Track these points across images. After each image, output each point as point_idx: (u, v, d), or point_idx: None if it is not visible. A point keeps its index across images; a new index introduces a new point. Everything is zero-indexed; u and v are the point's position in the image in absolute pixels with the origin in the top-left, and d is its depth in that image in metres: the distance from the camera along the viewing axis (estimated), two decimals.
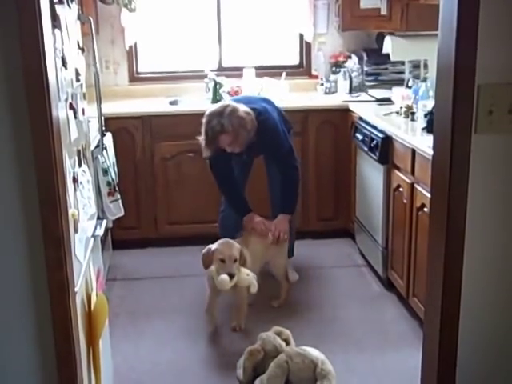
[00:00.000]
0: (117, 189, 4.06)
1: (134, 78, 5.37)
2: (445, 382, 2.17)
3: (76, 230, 2.20)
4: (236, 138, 3.73)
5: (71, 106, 2.24)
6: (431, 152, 2.20)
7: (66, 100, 2.19)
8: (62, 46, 2.16)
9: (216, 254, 3.57)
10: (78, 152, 2.38)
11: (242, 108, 3.76)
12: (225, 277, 3.47)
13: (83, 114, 2.52)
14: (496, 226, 2.03)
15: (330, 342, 3.48)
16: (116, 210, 4.06)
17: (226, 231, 4.34)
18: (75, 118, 2.30)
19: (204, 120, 3.79)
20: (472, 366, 2.14)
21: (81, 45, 2.59)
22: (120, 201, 4.10)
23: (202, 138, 3.80)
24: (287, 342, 3.24)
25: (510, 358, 2.13)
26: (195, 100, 5.12)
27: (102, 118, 3.82)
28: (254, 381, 3.12)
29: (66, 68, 2.16)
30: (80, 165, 2.39)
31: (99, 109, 3.65)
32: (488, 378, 2.16)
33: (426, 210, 3.32)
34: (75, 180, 2.23)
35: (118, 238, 4.78)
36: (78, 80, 2.42)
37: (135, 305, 4.08)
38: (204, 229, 4.78)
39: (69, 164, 2.13)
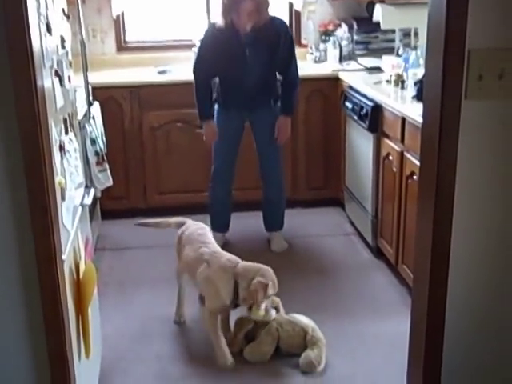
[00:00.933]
0: (105, 158, 4.03)
1: (122, 47, 5.31)
2: (432, 346, 2.18)
3: (63, 199, 2.18)
4: (257, 8, 3.78)
5: (56, 74, 2.20)
6: (421, 120, 2.18)
7: (51, 67, 2.15)
8: (47, 11, 2.12)
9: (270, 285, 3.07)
10: (65, 120, 2.35)
11: None
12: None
13: (69, 81, 2.48)
14: (485, 193, 2.03)
15: (320, 310, 3.50)
16: (104, 179, 4.04)
17: (215, 204, 4.35)
18: (61, 85, 2.27)
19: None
20: (459, 331, 2.16)
21: (66, 11, 2.54)
22: (108, 171, 4.07)
23: (220, 8, 3.84)
24: (277, 310, 3.26)
25: (497, 322, 2.15)
26: (184, 69, 5.06)
27: (89, 86, 3.78)
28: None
29: (50, 34, 2.12)
30: (67, 133, 2.36)
31: (86, 77, 3.61)
32: (475, 342, 2.18)
33: (415, 178, 3.33)
34: (62, 148, 2.21)
35: (107, 208, 4.77)
36: (63, 47, 2.38)
37: (124, 274, 4.08)
38: (193, 198, 4.79)
39: (55, 132, 2.11)
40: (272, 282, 3.06)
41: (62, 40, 2.38)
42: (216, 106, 4.15)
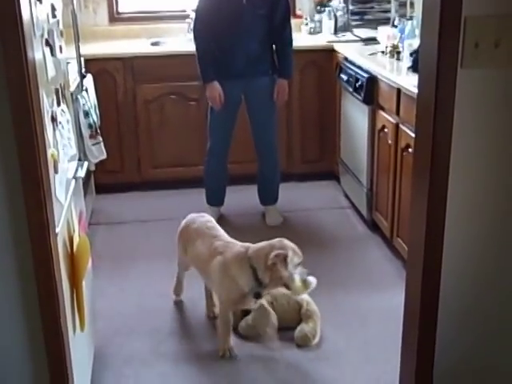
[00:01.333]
0: (99, 131, 4.01)
1: (115, 18, 5.25)
2: (426, 318, 2.18)
3: (56, 171, 2.16)
4: None
5: (47, 43, 2.17)
6: (416, 91, 2.16)
7: (42, 36, 2.11)
8: None
9: (292, 257, 2.91)
10: (57, 91, 2.31)
11: None
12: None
13: (61, 51, 2.44)
14: (480, 164, 2.02)
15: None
16: (98, 152, 4.01)
17: (211, 177, 4.33)
18: (52, 55, 2.23)
19: None
20: (454, 303, 2.15)
21: None
22: (102, 144, 4.05)
23: None
24: None
25: (491, 292, 2.15)
26: (178, 41, 5.02)
27: (81, 58, 3.74)
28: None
29: (40, 2, 2.08)
30: (59, 104, 2.33)
31: (77, 48, 3.56)
32: (469, 313, 2.18)
33: (410, 150, 3.31)
34: (54, 119, 2.18)
35: (101, 182, 4.75)
36: (54, 16, 2.34)
37: (119, 248, 4.08)
38: (188, 172, 4.78)
39: (46, 102, 2.08)
40: (291, 250, 2.85)
41: (53, 9, 2.34)
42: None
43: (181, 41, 4.99)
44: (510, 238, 2.10)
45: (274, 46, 4.10)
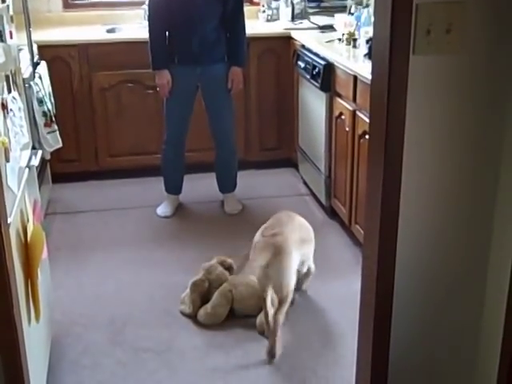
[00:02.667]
0: (54, 120, 3.94)
1: (68, 4, 5.15)
2: (382, 305, 2.20)
3: (7, 159, 2.12)
4: None
5: None
6: None
7: None
8: None
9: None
10: (7, 77, 2.27)
11: None
12: None
13: (11, 37, 2.39)
14: (434, 148, 2.04)
15: None
16: (54, 141, 3.95)
17: (168, 166, 4.31)
18: (1, 40, 2.19)
19: None
20: (408, 288, 2.18)
21: None
22: (57, 132, 3.98)
23: None
24: (230, 271, 3.27)
25: (444, 278, 2.18)
26: (133, 28, 4.96)
27: (33, 44, 3.67)
28: None
29: None
30: (10, 91, 2.29)
31: (29, 34, 3.50)
32: (423, 298, 2.21)
33: (367, 137, 3.33)
34: (4, 107, 2.14)
35: (58, 172, 4.67)
36: (3, 1, 2.29)
37: (77, 238, 4.03)
38: (145, 160, 4.74)
39: None
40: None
41: None
42: (169, 66, 4.08)
43: (137, 28, 4.93)
44: (464, 221, 2.13)
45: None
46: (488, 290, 2.17)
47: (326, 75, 3.90)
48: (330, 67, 3.89)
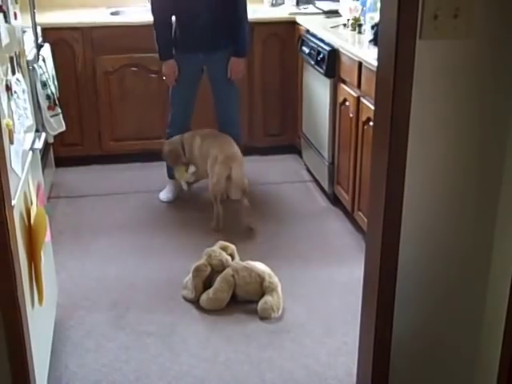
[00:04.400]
0: (57, 103, 3.93)
1: None
2: (385, 292, 2.20)
3: (11, 142, 2.11)
4: None
5: (1, 9, 2.11)
6: (376, 63, 2.16)
7: None
8: None
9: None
10: (11, 59, 2.26)
11: None
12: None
13: (15, 18, 2.38)
14: (439, 134, 2.03)
15: (276, 257, 3.52)
16: (57, 124, 3.94)
17: None
18: (6, 21, 2.17)
19: None
20: (412, 275, 2.18)
21: None
22: (61, 115, 3.98)
23: None
24: (232, 257, 3.27)
25: (449, 264, 2.18)
26: (138, 11, 4.93)
27: (38, 26, 3.65)
28: None
29: None
30: (14, 73, 2.28)
31: (33, 16, 3.48)
32: (426, 286, 2.21)
33: (371, 123, 3.32)
34: (8, 88, 2.13)
35: (61, 155, 4.67)
36: None
37: (80, 222, 4.03)
38: (149, 145, 4.73)
39: (0, 71, 2.03)
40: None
41: None
42: (173, 52, 4.06)
43: (141, 11, 4.90)
44: (468, 207, 2.13)
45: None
46: (491, 277, 2.17)
47: (331, 61, 3.88)
48: (334, 53, 3.87)
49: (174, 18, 3.99)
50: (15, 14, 2.38)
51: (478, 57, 1.94)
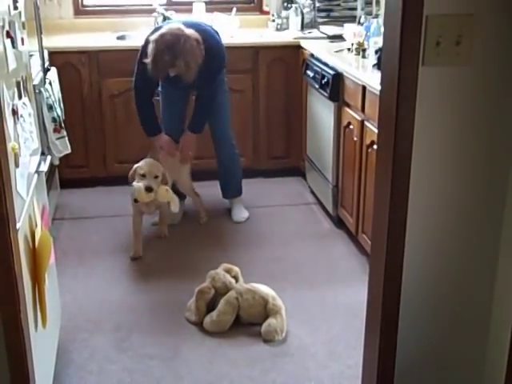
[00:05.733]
0: (63, 125, 3.96)
1: (80, 10, 5.18)
2: (389, 315, 2.20)
3: (17, 165, 2.13)
4: (186, 71, 3.73)
5: (8, 35, 2.13)
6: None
7: (3, 28, 2.08)
8: None
9: (138, 170, 3.80)
10: (18, 83, 2.28)
11: (194, 36, 3.74)
12: (139, 184, 3.72)
13: (22, 44, 2.41)
14: (442, 160, 2.04)
15: (280, 279, 3.52)
16: (62, 147, 3.97)
17: None
18: (13, 47, 2.20)
19: (153, 47, 3.71)
20: (415, 299, 2.18)
21: None
22: (66, 138, 4.01)
23: (148, 61, 3.74)
24: (236, 279, 3.27)
25: (453, 288, 2.18)
26: (143, 35, 4.96)
27: (44, 50, 3.69)
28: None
29: None
30: (20, 97, 2.30)
31: (40, 40, 3.51)
32: (430, 310, 2.21)
33: (375, 147, 3.32)
34: (15, 112, 2.15)
35: (66, 177, 4.69)
36: (15, 8, 2.31)
37: (84, 244, 4.04)
38: None
39: (7, 95, 2.05)
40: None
41: (15, 0, 2.30)
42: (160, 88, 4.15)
43: (146, 35, 4.93)
44: (472, 233, 2.13)
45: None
46: (496, 298, 2.17)
47: (335, 85, 3.91)
48: (338, 77, 3.89)
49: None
50: (22, 40, 2.41)
51: (481, 83, 1.96)
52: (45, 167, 2.64)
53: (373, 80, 3.36)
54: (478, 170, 2.05)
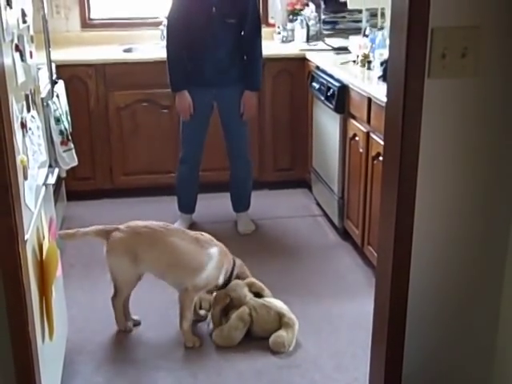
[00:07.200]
0: (70, 138, 3.98)
1: (87, 24, 5.22)
2: (395, 327, 2.20)
3: (25, 177, 2.15)
4: None
5: (17, 48, 2.15)
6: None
7: (12, 41, 2.10)
8: None
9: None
10: (27, 97, 2.30)
11: None
12: None
13: (31, 57, 2.43)
14: (448, 172, 2.05)
15: (287, 291, 3.50)
16: (69, 159, 3.98)
17: (183, 185, 4.33)
18: (22, 60, 2.22)
19: None
20: (422, 311, 2.18)
21: None
22: (73, 150, 4.02)
23: None
24: (258, 295, 3.23)
25: (459, 299, 2.18)
26: (150, 48, 5.02)
27: (52, 64, 3.72)
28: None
29: (10, 7, 2.06)
30: (29, 110, 2.32)
31: (48, 53, 3.54)
32: (436, 322, 2.20)
33: (381, 158, 3.33)
34: (23, 125, 2.17)
35: (73, 189, 4.71)
36: (24, 21, 2.32)
37: (91, 256, 4.02)
38: (160, 179, 4.77)
39: (16, 108, 2.07)
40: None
41: (23, 14, 2.32)
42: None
43: (153, 48, 4.98)
44: (477, 244, 2.13)
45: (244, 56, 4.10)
46: (502, 309, 2.16)
47: (341, 97, 3.92)
48: (344, 89, 3.91)
49: (187, 53, 4.02)
50: (31, 53, 2.43)
51: (486, 95, 1.96)
52: (52, 179, 2.66)
53: (378, 92, 3.38)
54: (483, 180, 2.06)
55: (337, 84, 3.98)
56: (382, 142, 2.21)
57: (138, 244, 3.11)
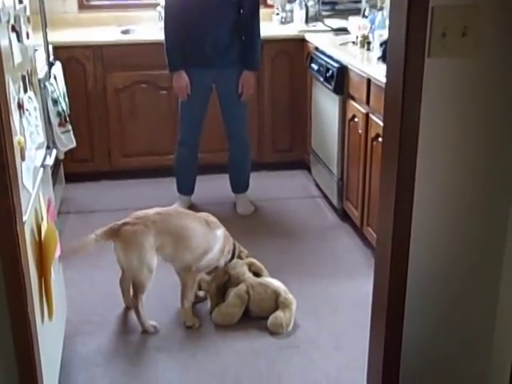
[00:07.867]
0: (68, 120, 3.97)
1: (84, 5, 5.19)
2: (394, 306, 2.21)
3: (23, 158, 2.14)
4: None
5: (14, 29, 2.14)
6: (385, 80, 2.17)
7: (8, 22, 2.09)
8: None
9: None
10: (23, 77, 2.29)
11: None
12: None
13: (28, 38, 2.42)
14: (447, 152, 2.04)
15: (285, 272, 3.51)
16: (67, 141, 3.97)
17: (181, 167, 4.33)
18: (19, 41, 2.21)
19: None
20: (421, 290, 2.18)
21: None
22: (71, 132, 4.01)
23: None
24: (256, 275, 3.25)
25: (458, 280, 2.18)
26: (148, 29, 4.99)
27: (49, 45, 3.69)
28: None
29: None
30: (26, 91, 2.31)
31: (45, 35, 3.52)
32: (436, 301, 2.21)
33: (380, 139, 3.33)
34: (20, 106, 2.16)
35: (71, 171, 4.70)
36: (20, 2, 2.31)
37: None
38: (158, 161, 4.76)
39: (13, 89, 2.05)
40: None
41: None
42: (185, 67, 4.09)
43: (151, 29, 4.95)
44: (477, 225, 2.13)
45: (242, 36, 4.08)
46: (501, 291, 2.16)
47: (340, 78, 3.90)
48: (343, 70, 3.89)
49: (184, 32, 3.99)
50: (27, 34, 2.42)
51: (486, 74, 1.95)
52: (50, 161, 2.65)
53: (378, 73, 3.36)
54: (484, 161, 2.05)
55: (336, 65, 3.96)
56: (382, 123, 2.20)
57: (156, 232, 3.05)
